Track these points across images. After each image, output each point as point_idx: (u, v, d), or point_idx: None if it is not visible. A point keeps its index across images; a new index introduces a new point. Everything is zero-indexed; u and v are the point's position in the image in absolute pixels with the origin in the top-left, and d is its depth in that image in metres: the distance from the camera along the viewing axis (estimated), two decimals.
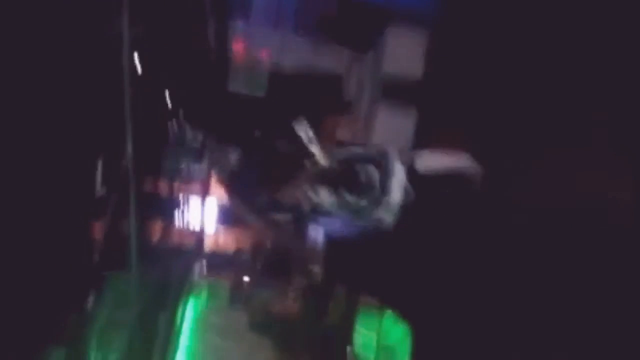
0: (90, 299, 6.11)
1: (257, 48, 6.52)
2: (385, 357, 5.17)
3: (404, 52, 5.02)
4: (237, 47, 6.54)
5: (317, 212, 4.90)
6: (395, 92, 5.19)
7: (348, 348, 5.40)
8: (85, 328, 5.58)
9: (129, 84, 3.17)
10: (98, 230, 5.93)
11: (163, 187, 9.09)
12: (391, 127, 5.18)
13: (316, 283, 6.54)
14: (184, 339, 6.92)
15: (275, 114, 7.59)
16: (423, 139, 5.09)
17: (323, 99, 6.61)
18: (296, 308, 7.43)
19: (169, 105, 8.35)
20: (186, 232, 10.91)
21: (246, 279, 9.18)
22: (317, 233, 6.85)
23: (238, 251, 11.09)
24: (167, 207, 9.34)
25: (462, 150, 4.52)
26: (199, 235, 11.46)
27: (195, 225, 11.17)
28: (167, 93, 8.09)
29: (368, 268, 5.16)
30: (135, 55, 5.37)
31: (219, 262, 10.75)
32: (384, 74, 5.12)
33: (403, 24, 5.23)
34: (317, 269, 6.41)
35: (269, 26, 6.42)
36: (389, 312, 5.30)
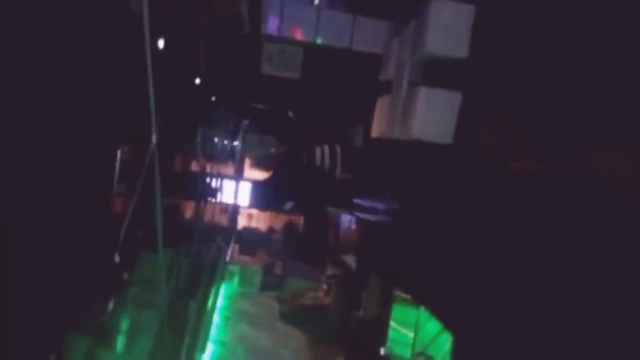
0: (120, 280, 6.03)
1: (292, 27, 6.22)
2: (421, 355, 4.89)
3: (448, 27, 4.55)
4: (271, 26, 6.27)
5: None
6: (437, 72, 4.81)
7: (382, 346, 5.14)
8: (113, 311, 5.51)
9: (151, 61, 2.99)
10: (124, 209, 5.83)
11: (195, 167, 9.00)
12: (432, 111, 4.79)
13: (350, 273, 6.31)
14: (215, 327, 6.82)
15: (309, 96, 7.31)
16: (467, 125, 4.69)
17: (360, 80, 6.29)
18: (328, 299, 7.24)
19: (203, 85, 8.19)
20: (219, 213, 10.87)
21: (278, 264, 9.05)
22: (352, 223, 6.61)
23: (270, 232, 11.03)
24: (199, 188, 9.25)
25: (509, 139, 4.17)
26: (232, 217, 11.43)
27: (228, 207, 11.13)
28: (199, 73, 7.93)
29: (404, 261, 4.88)
30: (162, 33, 5.19)
31: (251, 242, 10.70)
32: (426, 51, 4.70)
33: None
34: (351, 259, 6.18)
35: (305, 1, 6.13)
36: (422, 308, 5.02)
